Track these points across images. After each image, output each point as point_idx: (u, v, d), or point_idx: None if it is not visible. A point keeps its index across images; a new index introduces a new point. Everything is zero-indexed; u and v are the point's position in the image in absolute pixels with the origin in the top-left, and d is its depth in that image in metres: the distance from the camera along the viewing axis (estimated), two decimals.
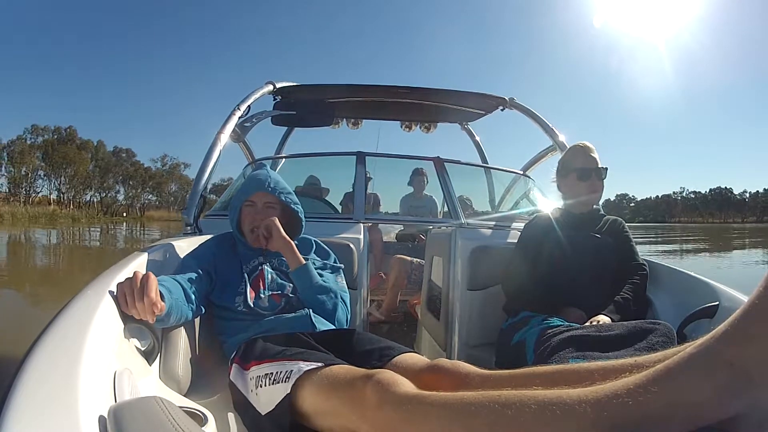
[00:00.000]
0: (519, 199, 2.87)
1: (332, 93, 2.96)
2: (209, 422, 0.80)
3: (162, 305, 0.88)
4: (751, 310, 0.47)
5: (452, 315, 1.70)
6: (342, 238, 1.71)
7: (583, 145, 1.53)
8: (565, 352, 1.02)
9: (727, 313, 0.72)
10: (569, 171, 1.53)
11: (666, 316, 1.33)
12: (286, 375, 0.82)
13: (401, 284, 2.67)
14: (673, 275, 1.50)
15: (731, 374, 0.46)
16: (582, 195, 1.51)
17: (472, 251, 1.69)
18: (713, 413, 0.47)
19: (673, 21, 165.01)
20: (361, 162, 2.22)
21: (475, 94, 2.89)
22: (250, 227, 1.28)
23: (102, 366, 0.64)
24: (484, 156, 3.73)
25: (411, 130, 3.51)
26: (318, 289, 1.23)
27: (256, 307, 1.18)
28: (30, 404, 0.48)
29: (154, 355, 0.93)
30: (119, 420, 0.53)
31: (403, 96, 2.96)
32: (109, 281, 0.89)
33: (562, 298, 1.37)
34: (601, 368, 0.69)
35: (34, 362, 0.56)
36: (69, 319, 0.70)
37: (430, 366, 0.89)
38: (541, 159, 2.80)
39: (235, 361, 1.02)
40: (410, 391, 0.66)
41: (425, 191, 3.43)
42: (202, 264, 1.20)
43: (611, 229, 1.52)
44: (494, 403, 0.56)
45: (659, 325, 1.04)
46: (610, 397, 0.50)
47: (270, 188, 1.30)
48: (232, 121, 2.11)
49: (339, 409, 0.74)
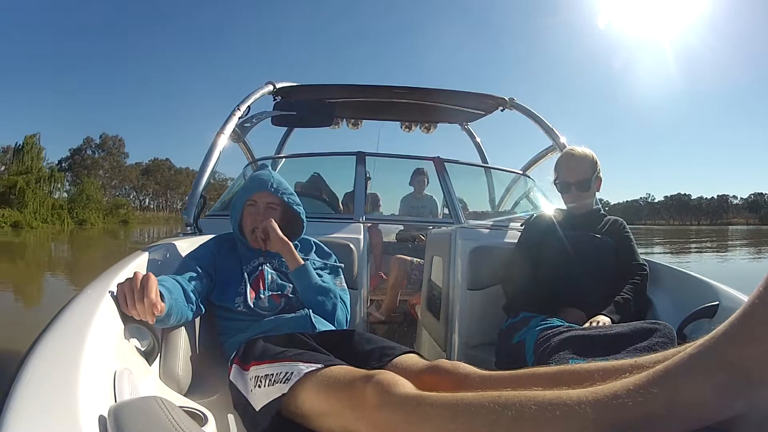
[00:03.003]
0: (519, 199, 2.87)
1: (332, 93, 2.96)
2: (209, 422, 0.80)
3: (162, 306, 0.88)
4: (751, 310, 0.47)
5: (452, 315, 1.70)
6: (342, 238, 1.71)
7: (570, 154, 1.53)
8: (565, 352, 1.02)
9: (727, 313, 0.72)
10: (555, 179, 1.55)
11: (666, 316, 1.33)
12: (286, 376, 0.82)
13: (401, 284, 2.67)
14: (673, 275, 1.50)
15: (731, 374, 0.46)
16: (567, 204, 1.54)
17: (472, 251, 1.69)
18: (713, 413, 0.47)
19: (678, 21, 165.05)
20: (361, 162, 2.22)
21: (475, 94, 2.89)
22: (251, 227, 1.28)
23: (102, 366, 0.64)
24: (485, 156, 3.73)
25: (411, 130, 3.51)
26: (317, 289, 1.23)
27: (256, 308, 1.18)
28: (30, 404, 0.48)
29: (154, 355, 0.93)
30: (119, 420, 0.53)
31: (403, 96, 2.96)
32: (109, 281, 0.90)
33: (562, 298, 1.37)
34: (601, 369, 0.69)
35: (34, 362, 0.56)
36: (69, 319, 0.70)
37: (430, 367, 0.89)
38: (541, 159, 2.80)
39: (235, 362, 1.02)
40: (410, 392, 0.66)
41: (425, 191, 3.43)
42: (202, 264, 1.20)
43: (611, 230, 1.52)
44: (494, 404, 0.56)
45: (659, 326, 1.04)
46: (610, 397, 0.50)
47: (273, 188, 1.30)
48: (232, 121, 2.11)
49: (339, 410, 0.74)
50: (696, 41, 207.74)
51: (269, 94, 2.56)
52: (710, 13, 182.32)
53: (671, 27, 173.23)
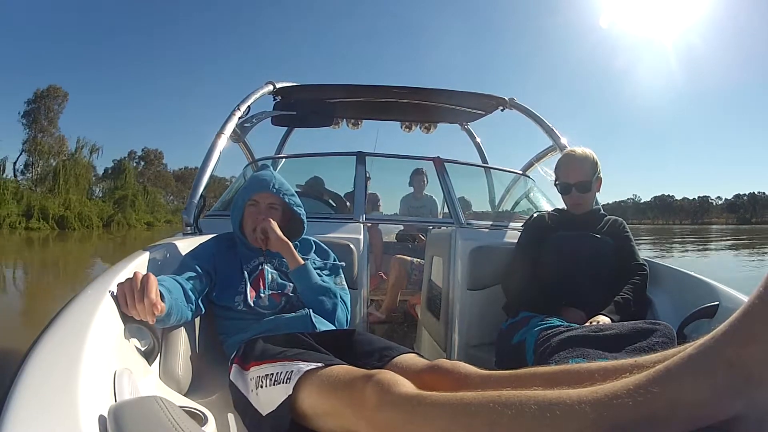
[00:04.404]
0: (519, 199, 2.87)
1: (332, 93, 2.96)
2: (209, 422, 0.80)
3: (162, 306, 0.89)
4: (751, 310, 0.47)
5: (452, 315, 1.70)
6: (342, 238, 1.71)
7: (570, 156, 1.53)
8: (565, 352, 1.02)
9: (727, 313, 0.72)
10: (555, 180, 1.55)
11: (666, 316, 1.33)
12: (287, 376, 0.82)
13: (401, 284, 2.66)
14: (673, 275, 1.50)
15: (731, 374, 0.46)
16: (567, 205, 1.55)
17: (472, 251, 1.69)
18: (713, 413, 0.47)
19: (680, 21, 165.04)
20: (361, 162, 2.22)
21: (475, 94, 2.89)
22: (253, 227, 1.28)
23: (102, 366, 0.64)
24: (485, 156, 3.73)
25: (411, 130, 3.50)
26: (318, 289, 1.23)
27: (257, 307, 1.18)
28: (30, 404, 0.48)
29: (154, 355, 0.93)
30: (119, 420, 0.53)
31: (403, 96, 2.96)
32: (110, 281, 0.89)
33: (562, 298, 1.37)
34: (601, 368, 0.69)
35: (34, 362, 0.56)
36: (69, 319, 0.70)
37: (430, 366, 0.89)
38: (542, 159, 2.79)
39: (235, 362, 1.02)
40: (410, 392, 0.66)
41: (425, 191, 3.43)
42: (202, 264, 1.20)
43: (611, 229, 1.52)
44: (494, 404, 0.56)
45: (659, 326, 1.04)
46: (610, 397, 0.50)
47: (274, 189, 1.30)
48: (232, 121, 2.11)
49: (339, 410, 0.74)
50: (698, 41, 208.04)
51: (269, 94, 2.56)
52: (711, 13, 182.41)
53: (673, 27, 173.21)
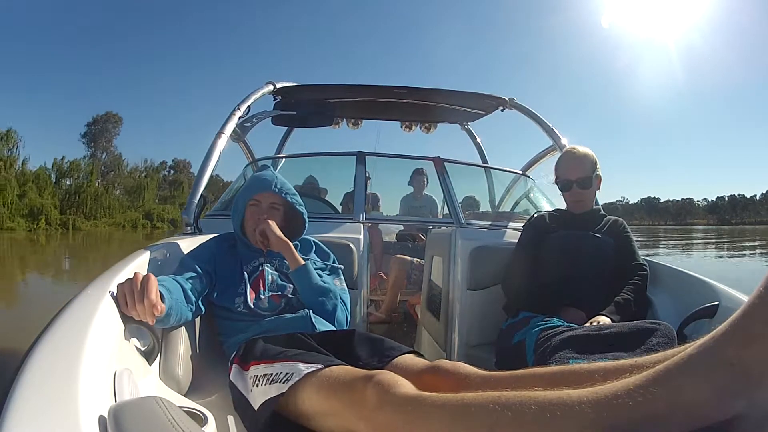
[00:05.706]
0: (519, 199, 2.87)
1: (332, 93, 2.96)
2: (209, 422, 0.80)
3: (162, 307, 0.88)
4: (751, 310, 0.47)
5: (452, 315, 1.70)
6: (342, 238, 1.71)
7: (571, 153, 1.53)
8: (565, 352, 1.02)
9: (727, 313, 0.72)
10: (556, 178, 1.55)
11: (666, 316, 1.33)
12: (286, 376, 0.82)
13: (401, 284, 2.66)
14: (673, 275, 1.49)
15: (731, 374, 0.46)
16: (567, 203, 1.54)
17: (472, 251, 1.69)
18: (713, 413, 0.47)
19: (681, 21, 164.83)
20: (361, 162, 2.22)
21: (475, 94, 2.89)
22: (254, 227, 1.28)
23: (102, 366, 0.64)
24: (485, 156, 3.73)
25: (411, 130, 3.51)
26: (318, 289, 1.23)
27: (256, 308, 1.18)
28: (30, 404, 0.48)
29: (154, 355, 0.93)
30: (119, 420, 0.53)
31: (403, 96, 2.96)
32: (110, 281, 0.89)
33: (562, 298, 1.37)
34: (601, 369, 0.69)
35: (34, 362, 0.56)
36: (69, 319, 0.70)
37: (430, 367, 0.89)
38: (542, 159, 2.79)
39: (235, 362, 1.02)
40: (410, 392, 0.66)
41: (425, 191, 3.43)
42: (202, 264, 1.20)
43: (611, 229, 1.52)
44: (494, 404, 0.56)
45: (659, 326, 1.04)
46: (611, 397, 0.50)
47: (276, 189, 1.30)
48: (232, 121, 2.11)
49: (339, 410, 0.73)
50: (700, 41, 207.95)
51: (269, 93, 2.56)
52: (713, 13, 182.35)
53: (675, 27, 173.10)
